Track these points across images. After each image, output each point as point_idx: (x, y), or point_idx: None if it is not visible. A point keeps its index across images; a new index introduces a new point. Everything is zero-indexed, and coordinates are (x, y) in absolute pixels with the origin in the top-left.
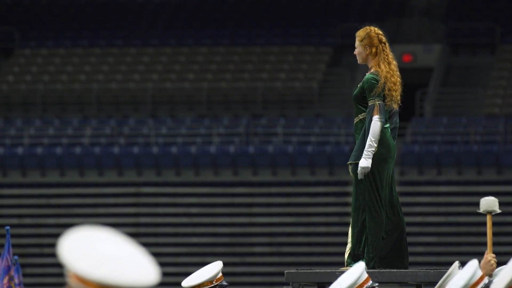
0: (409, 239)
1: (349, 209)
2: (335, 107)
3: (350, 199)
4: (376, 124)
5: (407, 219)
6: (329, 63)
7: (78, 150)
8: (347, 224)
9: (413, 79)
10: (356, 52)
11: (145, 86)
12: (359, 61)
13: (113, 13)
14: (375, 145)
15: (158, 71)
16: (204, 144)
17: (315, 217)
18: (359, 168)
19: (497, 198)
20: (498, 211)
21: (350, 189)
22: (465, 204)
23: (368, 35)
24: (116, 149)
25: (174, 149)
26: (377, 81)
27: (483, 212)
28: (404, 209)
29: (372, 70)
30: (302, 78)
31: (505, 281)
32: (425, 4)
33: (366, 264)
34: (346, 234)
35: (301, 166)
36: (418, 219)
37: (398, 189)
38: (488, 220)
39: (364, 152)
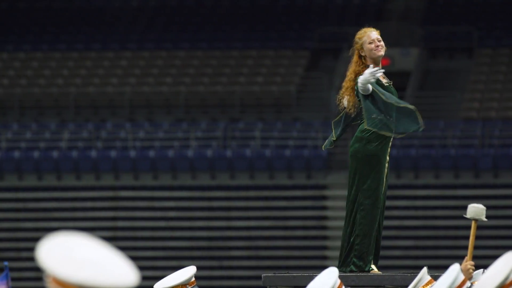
0: (387, 242)
1: (326, 213)
2: (313, 111)
3: (327, 203)
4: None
5: (384, 222)
6: (307, 67)
7: (55, 154)
8: (324, 228)
9: None
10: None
11: (123, 90)
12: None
13: (90, 17)
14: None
15: (135, 75)
16: (181, 148)
17: (293, 221)
18: (361, 80)
19: (475, 202)
20: (485, 220)
21: (328, 192)
22: (442, 208)
23: None
24: (93, 153)
25: (151, 153)
26: None
27: (470, 218)
28: None
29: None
30: (279, 82)
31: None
32: (403, 8)
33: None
34: (324, 237)
35: (279, 170)
36: (396, 222)
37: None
38: (473, 227)
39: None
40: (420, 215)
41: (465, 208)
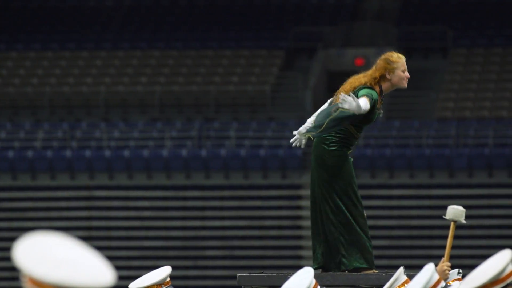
0: None
1: (301, 213)
2: (288, 111)
3: (302, 203)
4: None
5: None
6: (282, 66)
7: (30, 153)
8: (299, 228)
9: None
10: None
11: (98, 89)
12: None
13: (65, 17)
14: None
15: (110, 74)
16: (156, 148)
17: (268, 221)
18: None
19: (449, 201)
20: (464, 222)
21: (302, 192)
22: (417, 208)
23: None
24: (68, 153)
25: (126, 153)
26: None
27: (449, 220)
28: None
29: None
30: (254, 81)
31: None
32: (378, 8)
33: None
34: (299, 237)
35: (254, 169)
36: (370, 222)
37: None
38: (452, 228)
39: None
40: (395, 214)
41: (439, 207)
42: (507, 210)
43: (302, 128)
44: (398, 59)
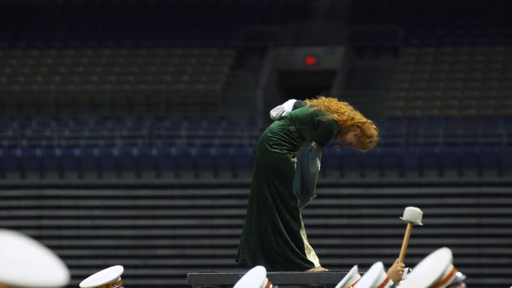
0: (312, 241)
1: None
2: (239, 110)
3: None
4: None
5: (310, 221)
6: (233, 65)
7: None
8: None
9: (316, 82)
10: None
11: (48, 88)
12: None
13: (15, 16)
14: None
15: (61, 73)
16: (107, 147)
17: (219, 220)
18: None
19: (400, 200)
20: (420, 224)
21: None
22: (367, 207)
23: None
24: (18, 152)
25: (77, 152)
26: None
27: (406, 221)
28: (307, 211)
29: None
30: (205, 80)
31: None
32: (328, 6)
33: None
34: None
35: (205, 168)
36: (321, 221)
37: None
38: (408, 229)
39: None
40: (345, 213)
41: (390, 206)
42: (457, 209)
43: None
44: (374, 131)
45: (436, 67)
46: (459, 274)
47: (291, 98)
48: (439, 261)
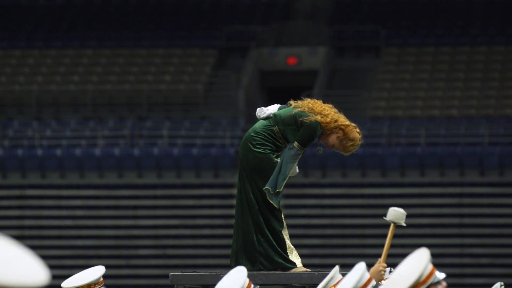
0: (294, 241)
1: (233, 212)
2: (221, 110)
3: (234, 201)
4: None
5: (292, 221)
6: (214, 65)
7: None
8: (232, 227)
9: (298, 82)
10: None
11: (30, 88)
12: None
13: None
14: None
15: (43, 73)
16: (89, 147)
17: (200, 220)
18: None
19: (382, 200)
20: (404, 225)
21: (235, 191)
22: (349, 207)
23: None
24: (0, 152)
25: (58, 152)
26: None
27: (389, 221)
28: (289, 211)
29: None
30: (187, 80)
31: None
32: (310, 7)
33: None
34: (231, 236)
35: (186, 168)
36: (303, 221)
37: (283, 191)
38: (391, 230)
39: None
40: (327, 213)
41: (372, 206)
42: (439, 209)
43: (259, 112)
44: (358, 135)
45: (418, 67)
46: (439, 274)
47: (273, 98)
48: (418, 262)
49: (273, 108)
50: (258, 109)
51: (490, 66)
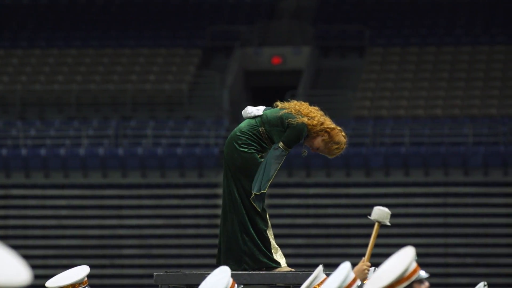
0: (278, 241)
1: (217, 211)
2: (205, 109)
3: (219, 201)
4: None
5: (276, 220)
6: (199, 65)
7: None
8: (216, 226)
9: (282, 81)
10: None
11: (14, 88)
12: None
13: None
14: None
15: (27, 72)
16: (73, 146)
17: (185, 219)
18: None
19: (366, 200)
20: (388, 224)
21: (219, 191)
22: (334, 206)
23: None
24: None
25: (43, 151)
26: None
27: (373, 220)
28: (274, 211)
29: None
30: (171, 80)
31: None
32: (295, 6)
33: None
34: (216, 236)
35: (171, 168)
36: (288, 221)
37: (268, 191)
38: (375, 229)
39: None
40: (311, 213)
41: (356, 206)
42: (424, 209)
43: (249, 110)
44: (343, 138)
45: (402, 67)
46: (422, 272)
47: (257, 98)
48: (403, 258)
49: (260, 109)
50: (247, 107)
51: (474, 66)
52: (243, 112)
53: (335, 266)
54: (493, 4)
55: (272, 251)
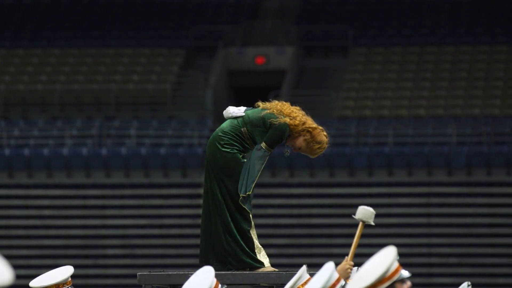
0: (262, 241)
1: (201, 211)
2: (188, 109)
3: (202, 201)
4: None
5: (260, 221)
6: (182, 65)
7: None
8: (200, 226)
9: (266, 81)
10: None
11: None
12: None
13: None
14: None
15: (10, 72)
16: (56, 146)
17: (168, 219)
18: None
19: (350, 200)
20: (372, 224)
21: (203, 191)
22: (317, 206)
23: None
24: None
25: (26, 151)
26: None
27: (358, 220)
28: (257, 211)
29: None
30: (155, 80)
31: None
32: (278, 6)
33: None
34: (199, 236)
35: (154, 168)
36: (271, 221)
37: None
38: (359, 228)
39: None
40: (295, 213)
41: (340, 206)
42: (407, 209)
43: (231, 110)
44: (325, 138)
45: (386, 67)
46: (404, 272)
47: (241, 98)
48: (385, 258)
49: (242, 109)
50: (229, 108)
51: (457, 66)
52: (224, 112)
53: (318, 266)
54: (476, 4)
55: (256, 251)
